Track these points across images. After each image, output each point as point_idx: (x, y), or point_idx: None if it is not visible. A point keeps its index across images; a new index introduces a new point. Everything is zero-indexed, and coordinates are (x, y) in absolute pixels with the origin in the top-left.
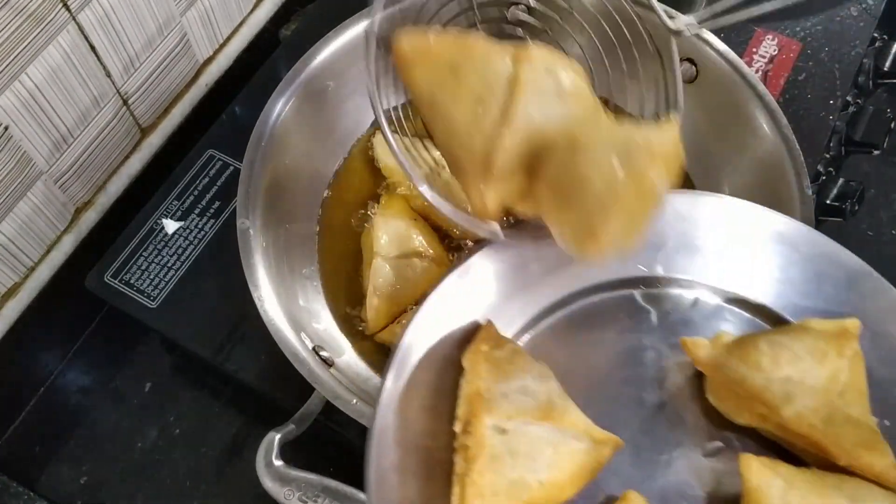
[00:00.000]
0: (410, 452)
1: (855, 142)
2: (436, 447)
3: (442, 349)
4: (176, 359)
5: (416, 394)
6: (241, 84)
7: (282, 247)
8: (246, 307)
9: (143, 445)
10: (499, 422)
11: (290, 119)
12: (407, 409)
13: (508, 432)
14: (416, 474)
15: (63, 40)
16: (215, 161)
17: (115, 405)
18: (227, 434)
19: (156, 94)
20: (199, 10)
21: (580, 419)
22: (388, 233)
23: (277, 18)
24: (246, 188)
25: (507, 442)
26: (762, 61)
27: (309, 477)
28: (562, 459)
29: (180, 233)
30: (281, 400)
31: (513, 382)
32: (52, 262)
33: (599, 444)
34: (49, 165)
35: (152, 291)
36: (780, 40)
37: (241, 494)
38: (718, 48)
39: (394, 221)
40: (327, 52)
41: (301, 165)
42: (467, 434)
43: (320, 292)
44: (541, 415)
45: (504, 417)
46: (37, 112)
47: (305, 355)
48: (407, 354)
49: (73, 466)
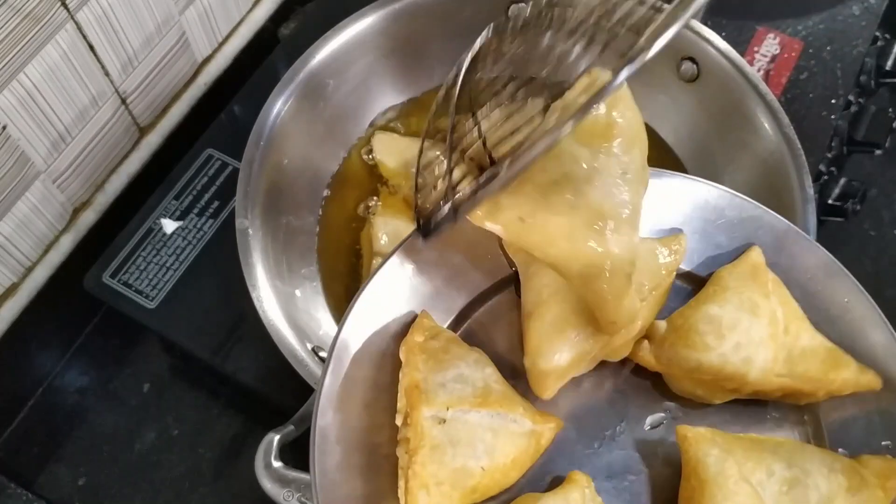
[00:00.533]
0: (354, 450)
1: (857, 141)
2: (380, 443)
3: (378, 343)
4: (174, 359)
5: (356, 390)
6: (239, 83)
7: (281, 247)
8: (245, 307)
9: (142, 446)
10: (437, 412)
11: (289, 118)
12: (347, 406)
13: (447, 421)
14: (362, 471)
15: (61, 39)
16: (214, 160)
17: (114, 406)
18: (225, 435)
19: (154, 93)
20: (198, 9)
21: (518, 402)
22: (387, 232)
23: (276, 17)
24: (245, 188)
25: (447, 431)
26: (764, 60)
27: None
28: (503, 444)
29: (179, 233)
30: (280, 401)
31: (449, 371)
32: (50, 263)
33: (540, 425)
34: (47, 165)
35: (151, 292)
36: (782, 39)
37: (239, 496)
38: (720, 47)
39: (393, 221)
40: (326, 51)
41: (300, 165)
42: (407, 426)
43: (319, 292)
44: (478, 402)
45: (442, 407)
46: (35, 111)
47: (304, 356)
48: (343, 350)
49: (71, 467)
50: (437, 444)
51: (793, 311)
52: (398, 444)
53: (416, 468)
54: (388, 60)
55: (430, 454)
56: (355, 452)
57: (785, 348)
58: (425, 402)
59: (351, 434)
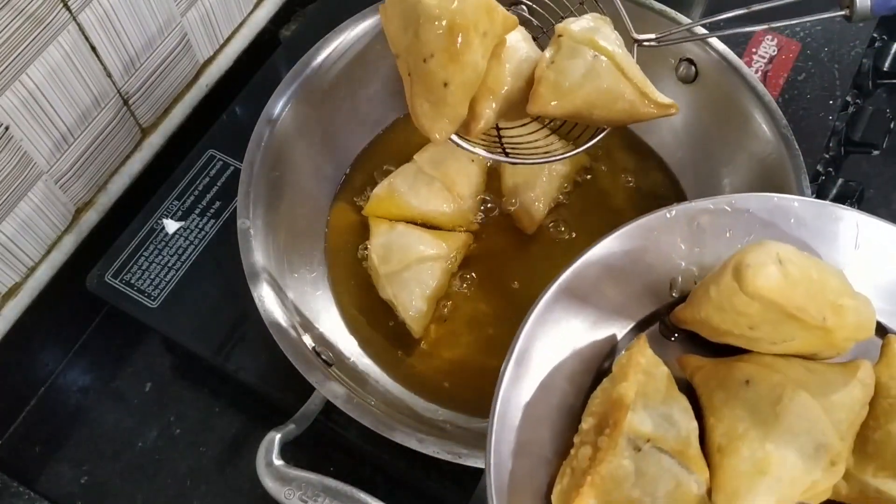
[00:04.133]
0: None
1: (854, 142)
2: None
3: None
4: (176, 359)
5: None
6: (241, 84)
7: (282, 247)
8: (246, 307)
9: (144, 445)
10: (637, 439)
11: (290, 119)
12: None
13: (642, 452)
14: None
15: (64, 40)
16: (216, 161)
17: (116, 405)
18: (227, 434)
19: (156, 94)
20: (200, 11)
21: (706, 469)
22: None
23: (278, 19)
24: (246, 188)
25: (638, 461)
26: (762, 62)
27: (309, 477)
28: (680, 495)
29: (181, 233)
30: (281, 400)
31: (661, 407)
32: (52, 263)
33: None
34: (50, 165)
35: (153, 291)
36: (780, 40)
37: (241, 494)
38: (718, 49)
39: (384, 238)
40: (328, 53)
41: (301, 165)
42: (602, 436)
43: (320, 291)
44: (677, 450)
45: (643, 437)
46: (37, 112)
47: (306, 355)
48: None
49: (73, 466)
50: (623, 467)
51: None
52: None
53: (595, 479)
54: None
55: (614, 471)
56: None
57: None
58: (630, 424)
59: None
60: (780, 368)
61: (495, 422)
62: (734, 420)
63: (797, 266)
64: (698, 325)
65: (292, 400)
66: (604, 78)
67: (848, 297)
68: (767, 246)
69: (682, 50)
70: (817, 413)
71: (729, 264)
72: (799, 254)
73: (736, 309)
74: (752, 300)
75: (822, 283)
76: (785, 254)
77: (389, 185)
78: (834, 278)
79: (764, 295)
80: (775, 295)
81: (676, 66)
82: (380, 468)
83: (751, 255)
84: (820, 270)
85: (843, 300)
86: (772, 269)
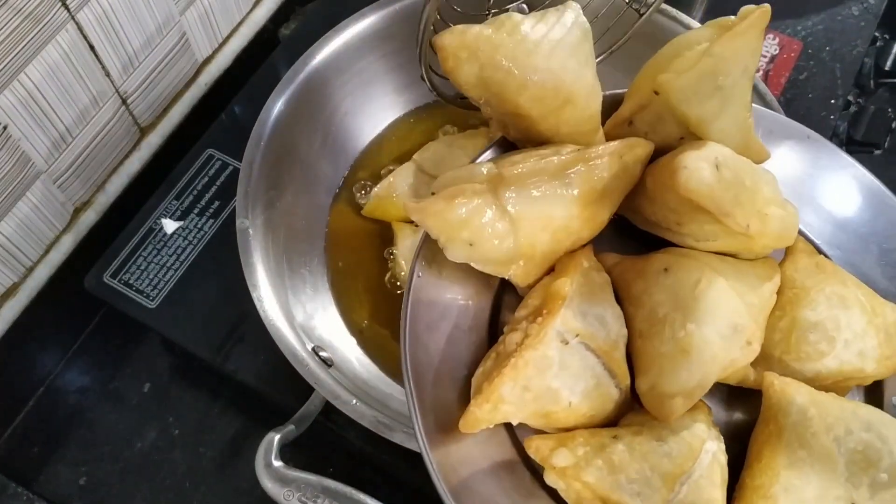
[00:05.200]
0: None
1: (856, 141)
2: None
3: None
4: (175, 359)
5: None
6: (240, 83)
7: (281, 247)
8: (245, 307)
9: (142, 446)
10: (566, 332)
11: (289, 119)
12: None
13: (569, 346)
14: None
15: (62, 39)
16: (214, 161)
17: (114, 406)
18: (226, 435)
19: (155, 93)
20: (199, 10)
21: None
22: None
23: (277, 17)
24: (245, 188)
25: (563, 353)
26: (763, 61)
27: (308, 477)
28: (597, 397)
29: (179, 233)
30: (280, 400)
31: (596, 308)
32: (50, 262)
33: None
34: (48, 165)
35: (151, 291)
36: (782, 39)
37: (240, 495)
38: None
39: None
40: (327, 52)
41: (301, 165)
42: (532, 323)
43: (320, 292)
44: (603, 350)
45: (573, 332)
46: (35, 111)
47: (305, 356)
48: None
49: (71, 467)
50: (548, 357)
51: (866, 290)
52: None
53: (518, 362)
54: (389, 61)
55: (537, 360)
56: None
57: (882, 329)
58: (562, 316)
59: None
60: (697, 256)
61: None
62: (654, 305)
63: (732, 171)
64: (630, 212)
65: (291, 400)
66: None
67: (775, 206)
68: (708, 148)
69: None
70: (733, 295)
71: (668, 161)
72: (737, 158)
73: (667, 204)
74: (681, 198)
75: (753, 191)
76: (723, 158)
77: (389, 185)
78: (767, 186)
79: (693, 198)
80: (704, 199)
81: None
82: (379, 469)
83: (689, 156)
84: (754, 177)
85: (769, 209)
86: (706, 173)
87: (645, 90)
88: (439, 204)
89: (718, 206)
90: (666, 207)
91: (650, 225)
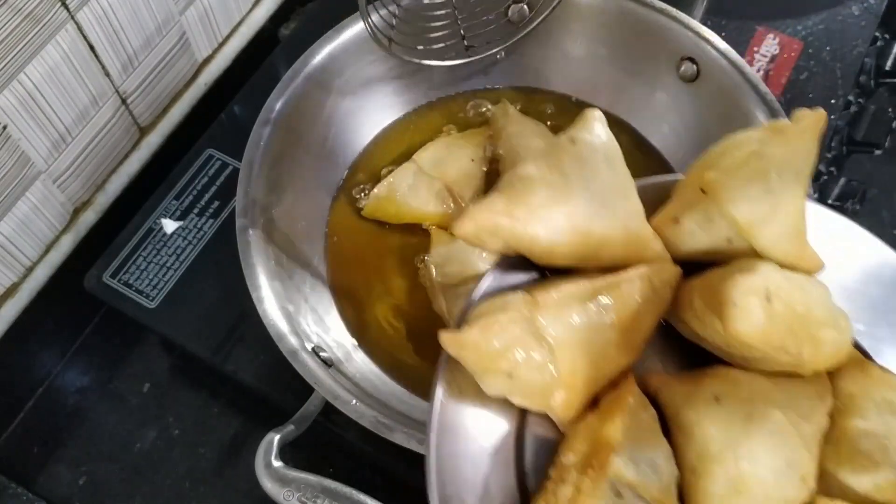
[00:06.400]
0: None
1: (856, 141)
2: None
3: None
4: (175, 359)
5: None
6: (240, 83)
7: (281, 247)
8: (245, 307)
9: (142, 446)
10: (618, 483)
11: (289, 118)
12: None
13: (623, 498)
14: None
15: (61, 39)
16: (214, 160)
17: (114, 406)
18: (226, 435)
19: (155, 93)
20: (198, 9)
21: None
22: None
23: (277, 17)
24: (245, 188)
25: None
26: (763, 60)
27: (308, 478)
28: None
29: (179, 233)
30: (280, 400)
31: (647, 452)
32: (50, 262)
33: None
34: (47, 165)
35: (151, 292)
36: (782, 39)
37: (240, 495)
38: (720, 47)
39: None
40: (327, 51)
41: (301, 165)
42: (583, 475)
43: (320, 292)
44: (657, 498)
45: (626, 483)
46: (35, 111)
47: (305, 356)
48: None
49: (71, 467)
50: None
51: None
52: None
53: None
54: (389, 61)
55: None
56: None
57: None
58: (616, 467)
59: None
60: (749, 383)
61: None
62: (706, 440)
63: (783, 302)
64: (678, 322)
65: (291, 401)
66: None
67: (828, 328)
68: (759, 276)
69: (684, 49)
70: (787, 429)
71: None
72: (789, 283)
73: (716, 330)
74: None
75: (806, 317)
76: (775, 287)
77: (389, 185)
78: (819, 307)
79: (743, 339)
80: (755, 340)
81: (678, 64)
82: (379, 469)
83: (739, 289)
84: (805, 300)
85: (822, 332)
86: (756, 313)
87: (693, 187)
88: (474, 333)
89: (770, 342)
90: (713, 330)
91: (698, 339)
